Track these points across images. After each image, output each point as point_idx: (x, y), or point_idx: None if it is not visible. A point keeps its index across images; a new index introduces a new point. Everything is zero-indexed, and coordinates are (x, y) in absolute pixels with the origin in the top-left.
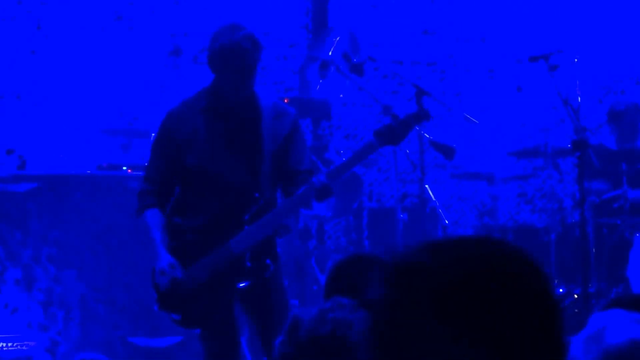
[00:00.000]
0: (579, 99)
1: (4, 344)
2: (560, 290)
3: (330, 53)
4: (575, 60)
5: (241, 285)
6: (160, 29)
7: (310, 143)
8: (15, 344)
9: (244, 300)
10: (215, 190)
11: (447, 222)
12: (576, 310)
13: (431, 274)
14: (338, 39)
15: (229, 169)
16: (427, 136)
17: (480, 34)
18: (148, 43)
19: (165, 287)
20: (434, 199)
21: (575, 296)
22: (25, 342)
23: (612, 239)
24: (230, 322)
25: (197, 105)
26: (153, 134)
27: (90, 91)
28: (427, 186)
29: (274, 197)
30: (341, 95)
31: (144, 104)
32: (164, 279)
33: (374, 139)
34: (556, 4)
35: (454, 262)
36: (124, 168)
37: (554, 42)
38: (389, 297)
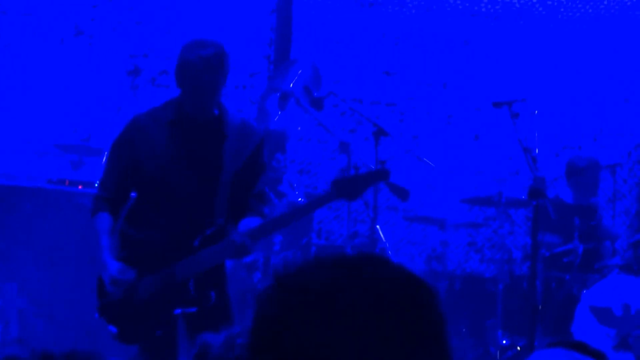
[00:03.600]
0: (537, 150)
1: None
2: (504, 342)
3: (291, 85)
4: (536, 112)
5: (179, 311)
6: (120, 48)
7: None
8: None
9: (190, 327)
10: (169, 209)
11: None
12: None
13: (315, 292)
14: (300, 71)
15: (186, 189)
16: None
17: (442, 79)
18: (107, 61)
19: (117, 294)
20: (384, 240)
21: (519, 348)
22: None
23: (559, 294)
24: (169, 346)
25: (164, 117)
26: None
27: (45, 105)
28: (378, 227)
29: (228, 224)
30: (299, 129)
31: (98, 122)
32: (113, 287)
33: (333, 189)
34: (519, 55)
35: (335, 281)
36: (76, 184)
37: (514, 92)
38: (272, 313)
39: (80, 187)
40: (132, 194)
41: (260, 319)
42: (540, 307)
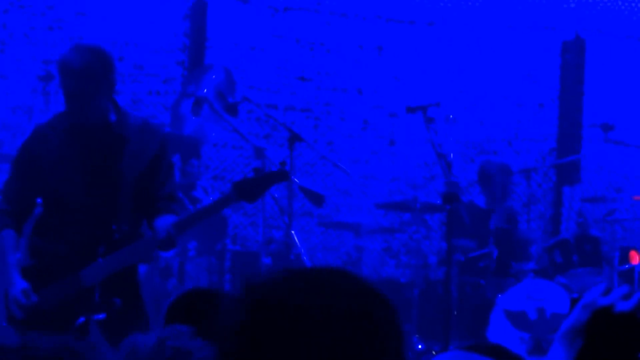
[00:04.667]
0: (452, 155)
1: None
2: (420, 346)
3: (205, 90)
4: (451, 116)
5: (82, 319)
6: (32, 54)
7: (177, 180)
8: None
9: (106, 333)
10: (72, 217)
11: None
12: None
13: (282, 305)
14: (214, 76)
15: (86, 196)
16: (297, 181)
17: (357, 84)
18: (19, 67)
19: (18, 314)
20: (299, 246)
21: (434, 353)
22: None
23: (475, 298)
24: None
25: (60, 125)
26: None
27: None
28: (293, 232)
29: (135, 229)
30: (213, 134)
31: (10, 129)
32: (15, 307)
33: (232, 192)
34: (434, 61)
35: (304, 295)
36: None
37: (430, 97)
38: (240, 327)
39: None
40: (38, 204)
41: (227, 328)
42: (455, 312)
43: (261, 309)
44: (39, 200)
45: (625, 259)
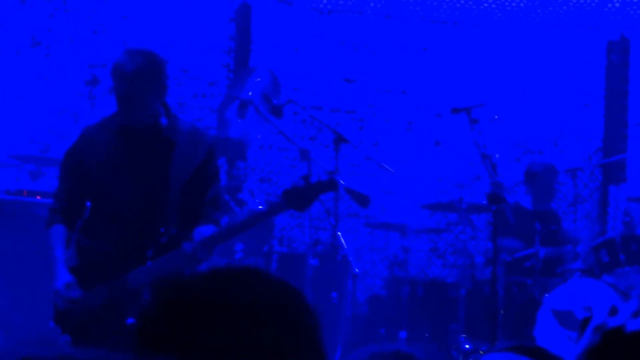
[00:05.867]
0: (497, 155)
1: None
2: (467, 346)
3: (250, 93)
4: (496, 117)
5: (131, 321)
6: (78, 58)
7: (224, 183)
8: None
9: None
10: (121, 218)
11: (357, 270)
12: None
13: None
14: (259, 79)
15: (135, 198)
16: (342, 183)
17: (401, 85)
18: (65, 71)
19: (60, 307)
20: (345, 247)
21: (481, 352)
22: None
23: (521, 298)
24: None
25: (111, 126)
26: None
27: (2, 115)
28: (339, 234)
29: (183, 232)
30: (259, 137)
31: (57, 133)
32: (58, 299)
33: (282, 200)
34: (478, 61)
35: (215, 292)
36: (34, 194)
37: (474, 98)
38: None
39: (38, 197)
40: (88, 204)
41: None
42: (502, 311)
43: (167, 302)
44: (88, 203)
45: None
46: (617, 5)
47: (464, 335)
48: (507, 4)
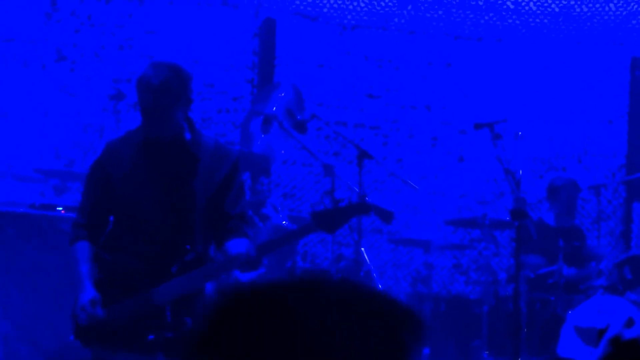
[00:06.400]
0: (520, 171)
1: None
2: None
3: (274, 108)
4: (519, 133)
5: (152, 337)
6: (103, 73)
7: (247, 198)
8: None
9: (167, 352)
10: (145, 234)
11: (380, 287)
12: None
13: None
14: (283, 94)
15: (161, 213)
16: (367, 199)
17: (426, 101)
18: (90, 86)
19: (83, 322)
20: (368, 262)
21: None
22: None
23: (544, 315)
24: None
25: (134, 139)
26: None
27: (28, 130)
28: (362, 249)
29: (207, 250)
30: (283, 152)
31: (81, 147)
32: (83, 314)
33: (312, 222)
34: (502, 77)
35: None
36: (59, 209)
37: (498, 113)
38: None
39: (63, 211)
40: (111, 219)
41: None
42: (525, 328)
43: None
44: (111, 217)
45: None
46: None
47: (487, 352)
48: (531, 20)
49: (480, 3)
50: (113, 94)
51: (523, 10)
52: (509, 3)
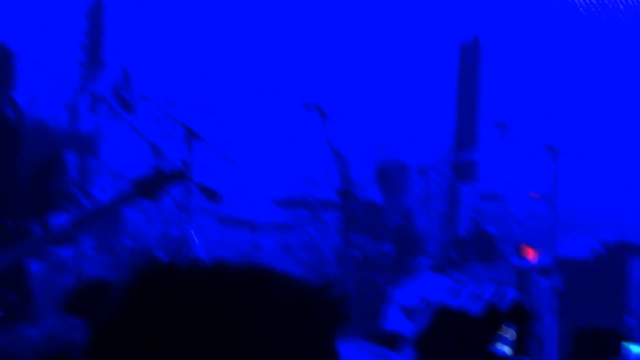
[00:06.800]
0: (349, 152)
1: None
2: None
3: (102, 89)
4: (349, 114)
5: None
6: None
7: (74, 177)
8: None
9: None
10: None
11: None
12: None
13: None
14: (111, 75)
15: None
16: (194, 179)
17: (256, 83)
18: None
19: None
20: (197, 242)
21: None
22: None
23: (371, 294)
24: None
25: None
26: None
27: None
28: (190, 229)
29: (29, 225)
30: (110, 132)
31: None
32: None
33: (130, 189)
34: (333, 61)
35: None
36: None
37: (327, 95)
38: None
39: None
40: None
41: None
42: (353, 307)
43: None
44: None
45: (520, 254)
46: (471, 7)
47: None
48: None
49: None
50: None
51: None
52: None
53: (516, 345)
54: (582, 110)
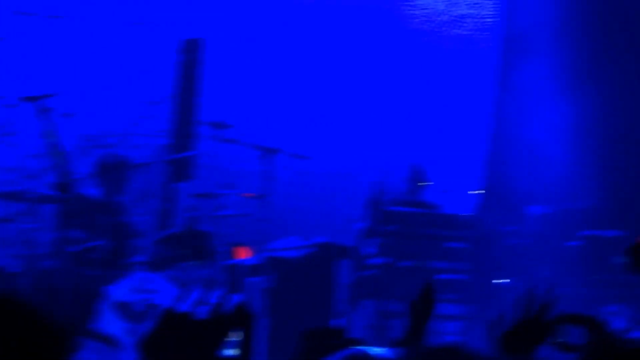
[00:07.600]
0: (68, 147)
1: None
2: None
3: None
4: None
5: None
6: None
7: None
8: None
9: None
10: None
11: None
12: None
13: None
14: None
15: None
16: None
17: None
18: None
19: None
20: None
21: None
22: None
23: (85, 289)
24: None
25: None
26: None
27: None
28: None
29: None
30: None
31: None
32: None
33: None
34: (56, 54)
35: None
36: None
37: (49, 89)
38: None
39: None
40: None
41: None
42: (68, 302)
43: None
44: None
45: (232, 253)
46: (193, 3)
47: None
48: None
49: None
50: None
51: None
52: None
53: (242, 348)
54: (300, 113)
